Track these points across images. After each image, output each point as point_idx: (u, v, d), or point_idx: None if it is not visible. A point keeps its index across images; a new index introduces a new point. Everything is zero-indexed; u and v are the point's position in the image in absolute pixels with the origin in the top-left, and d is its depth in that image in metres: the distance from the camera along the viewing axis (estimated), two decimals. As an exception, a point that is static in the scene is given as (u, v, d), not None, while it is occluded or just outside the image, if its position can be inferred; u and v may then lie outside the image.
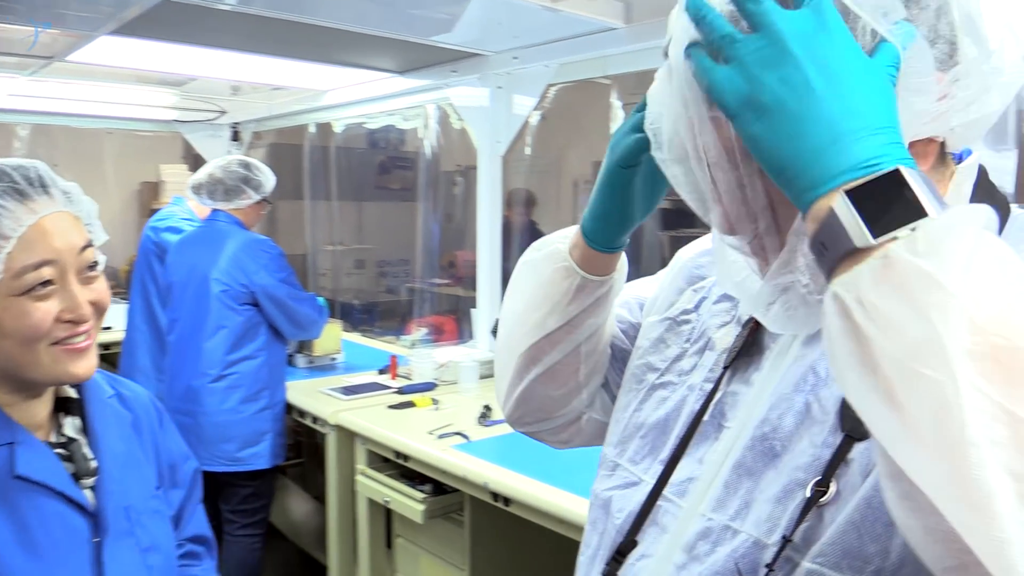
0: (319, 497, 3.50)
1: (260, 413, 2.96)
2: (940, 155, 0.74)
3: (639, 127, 0.85)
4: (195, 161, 5.75)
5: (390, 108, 4.05)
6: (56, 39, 3.25)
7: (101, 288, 1.11)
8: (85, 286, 1.08)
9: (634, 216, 0.92)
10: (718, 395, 0.84)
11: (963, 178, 0.75)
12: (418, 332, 3.99)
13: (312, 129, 4.93)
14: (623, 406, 0.96)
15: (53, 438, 1.14)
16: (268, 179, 3.12)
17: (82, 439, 1.15)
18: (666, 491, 0.83)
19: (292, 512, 3.85)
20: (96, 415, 1.18)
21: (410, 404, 2.88)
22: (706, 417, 0.84)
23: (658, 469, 0.85)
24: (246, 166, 3.10)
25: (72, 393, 1.18)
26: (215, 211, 3.11)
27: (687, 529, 0.79)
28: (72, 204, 1.11)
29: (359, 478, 2.76)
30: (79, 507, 1.09)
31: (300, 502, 3.87)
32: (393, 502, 2.59)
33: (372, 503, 2.77)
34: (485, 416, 2.68)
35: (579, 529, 1.93)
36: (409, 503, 2.52)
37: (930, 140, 0.71)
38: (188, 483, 1.34)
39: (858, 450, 0.70)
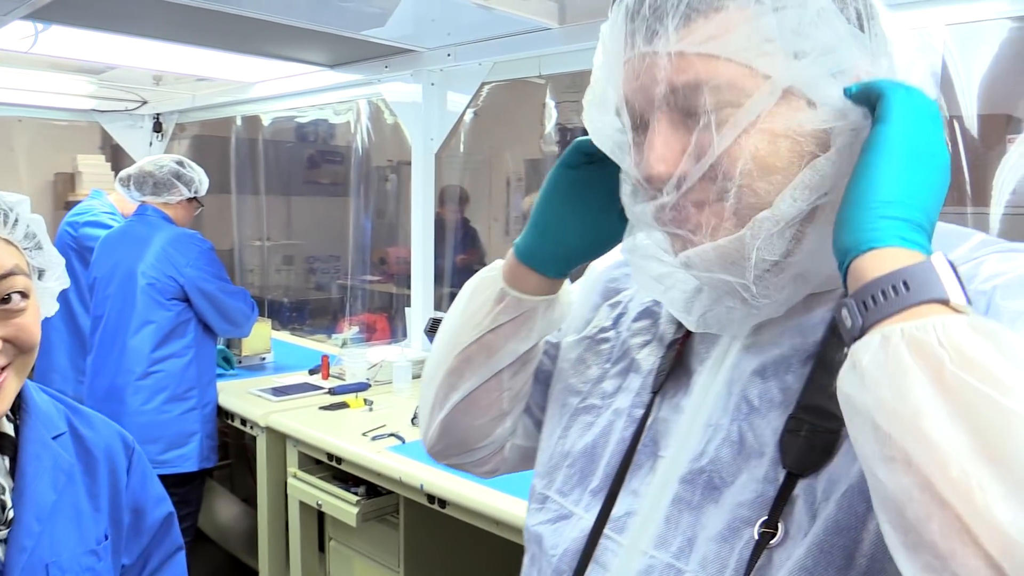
0: (247, 499, 3.43)
1: (188, 414, 2.88)
2: None
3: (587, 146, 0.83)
4: (113, 152, 5.56)
5: (321, 102, 3.99)
6: (-36, 23, 3.10)
7: (22, 323, 0.97)
8: (0, 320, 0.95)
9: (568, 237, 0.86)
10: (650, 421, 0.81)
11: None
12: (350, 331, 3.94)
13: (239, 122, 4.81)
14: (548, 433, 0.92)
15: None
16: (201, 179, 3.05)
17: (6, 483, 1.01)
18: (606, 528, 0.80)
19: (219, 515, 3.76)
20: (28, 458, 1.03)
21: (343, 405, 2.84)
22: (640, 445, 0.81)
23: (589, 500, 0.83)
24: (179, 163, 3.03)
25: (8, 429, 1.04)
26: (143, 205, 3.01)
27: (629, 567, 0.76)
28: (3, 226, 0.97)
29: (291, 481, 2.71)
30: None
31: (227, 505, 3.78)
32: (326, 505, 2.55)
33: (304, 506, 2.72)
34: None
35: (516, 531, 1.94)
36: (343, 506, 2.48)
37: None
38: (155, 530, 1.19)
39: (801, 487, 0.68)
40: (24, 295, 0.97)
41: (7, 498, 0.99)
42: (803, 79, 0.66)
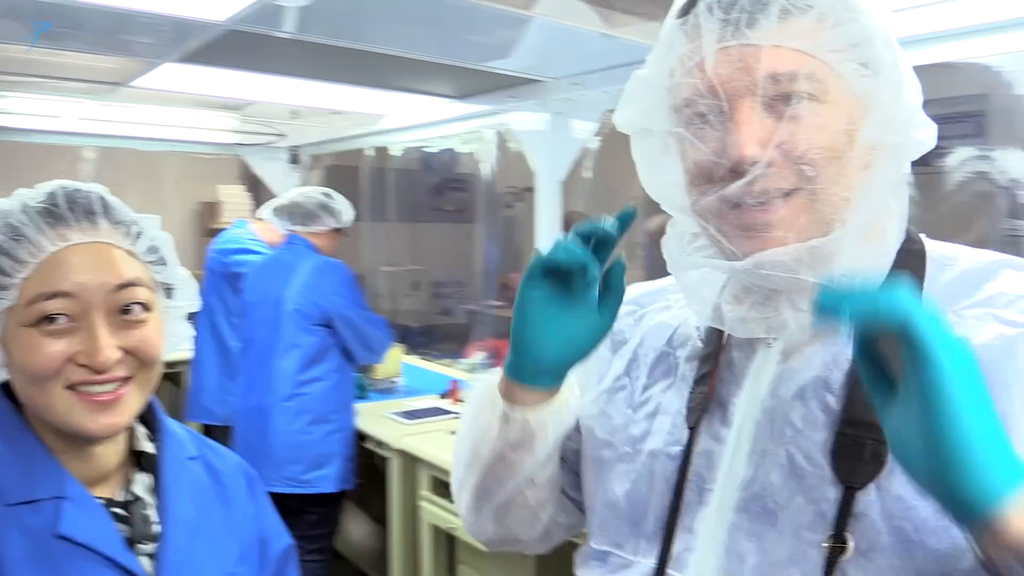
0: (378, 519, 3.52)
1: (329, 436, 2.99)
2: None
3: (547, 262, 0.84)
4: (252, 182, 5.87)
5: (448, 132, 4.09)
6: (123, 65, 3.35)
7: (143, 335, 0.94)
8: (121, 330, 0.92)
9: (549, 351, 0.85)
10: (692, 457, 0.82)
11: (898, 223, 0.80)
12: (477, 356, 4.00)
13: (370, 152, 4.99)
14: (590, 492, 0.94)
15: (120, 495, 1.00)
16: (347, 211, 3.20)
17: (150, 499, 1.01)
18: (667, 568, 0.81)
19: (351, 533, 3.87)
20: (170, 475, 1.03)
21: (472, 430, 2.88)
22: (686, 482, 0.82)
23: (645, 546, 0.84)
24: (327, 195, 3.19)
25: (149, 448, 1.05)
26: (292, 235, 3.18)
27: None
28: (125, 237, 0.96)
29: (422, 503, 2.77)
30: (131, 575, 0.95)
31: (359, 524, 3.89)
32: (458, 529, 2.59)
33: (435, 529, 2.77)
34: (548, 443, 2.66)
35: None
36: (473, 531, 2.51)
37: None
38: (278, 561, 1.16)
39: (868, 500, 0.71)
40: (146, 307, 0.95)
41: (152, 513, 1.00)
42: (869, 90, 0.73)
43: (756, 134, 0.72)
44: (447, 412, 3.14)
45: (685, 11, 0.78)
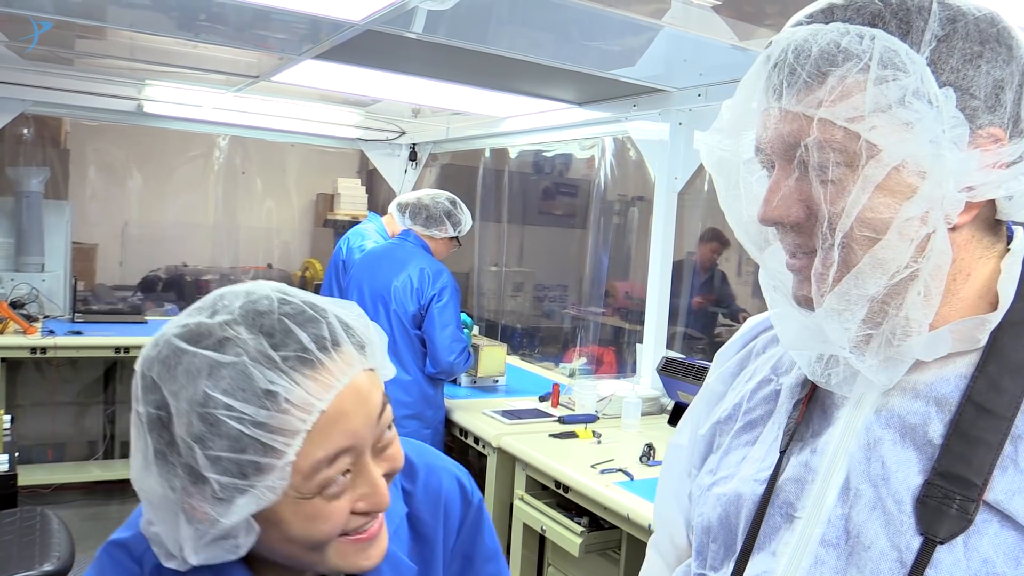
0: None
1: (421, 432, 3.06)
2: (992, 224, 0.76)
3: None
4: (369, 177, 6.04)
5: (567, 137, 4.11)
6: (262, 60, 3.51)
7: (396, 452, 0.83)
8: (379, 457, 0.81)
9: None
10: (780, 481, 0.82)
11: (1014, 260, 0.76)
12: (578, 361, 4.00)
13: (487, 154, 5.06)
14: (693, 515, 0.95)
15: None
16: (467, 221, 3.26)
17: None
18: None
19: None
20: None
21: (572, 435, 2.90)
22: (770, 507, 0.82)
23: (733, 567, 0.84)
24: (453, 202, 3.26)
25: None
26: (407, 231, 3.26)
27: None
28: (367, 356, 0.79)
29: (517, 503, 2.79)
30: None
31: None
32: (550, 531, 2.60)
33: (528, 529, 2.79)
34: (648, 455, 2.65)
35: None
36: (567, 534, 2.52)
37: (985, 204, 0.74)
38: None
39: (954, 558, 0.69)
40: (391, 424, 0.84)
41: None
42: (909, 152, 0.70)
43: (776, 197, 0.75)
44: (546, 415, 3.16)
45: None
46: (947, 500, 0.70)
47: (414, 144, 5.32)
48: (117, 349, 4.18)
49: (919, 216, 0.71)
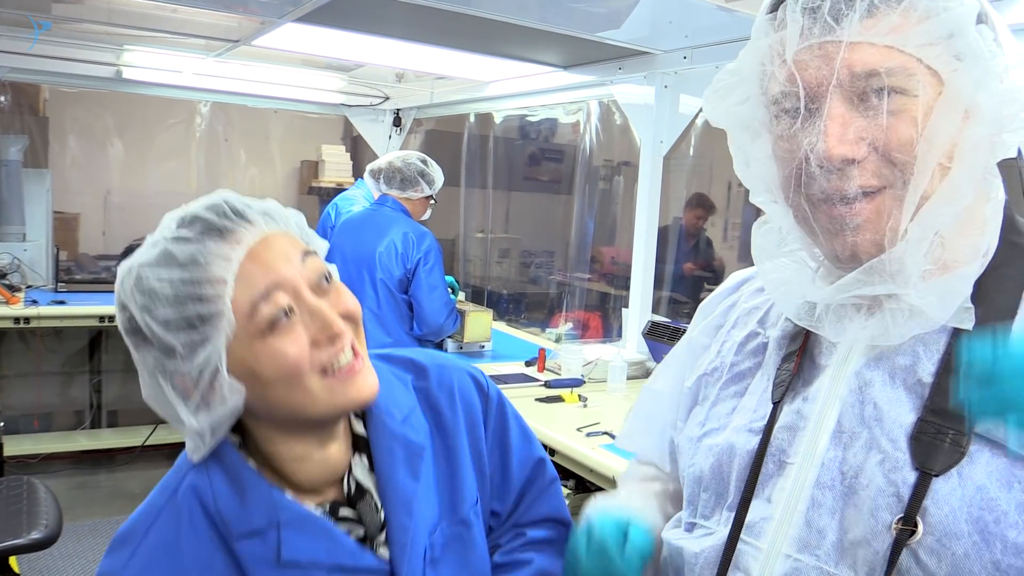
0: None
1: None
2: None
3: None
4: (353, 143, 5.99)
5: (552, 102, 4.08)
6: (242, 24, 3.45)
7: (345, 297, 0.93)
8: (325, 299, 0.90)
9: None
10: (775, 431, 0.85)
11: (996, 208, 0.79)
12: (564, 326, 4.01)
13: (472, 119, 5.03)
14: (684, 466, 0.98)
15: (344, 486, 0.97)
16: (439, 177, 3.26)
17: (370, 484, 0.98)
18: (742, 534, 0.84)
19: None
20: (382, 454, 0.99)
21: (558, 399, 2.91)
22: (767, 454, 0.85)
23: (728, 516, 0.87)
24: (424, 161, 3.25)
25: (360, 429, 1.01)
26: (384, 196, 3.25)
27: (772, 570, 0.81)
28: (276, 222, 0.93)
29: (504, 467, 2.81)
30: (369, 570, 0.93)
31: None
32: (538, 495, 2.62)
33: (515, 493, 2.81)
34: (634, 418, 2.67)
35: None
36: (554, 497, 2.54)
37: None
38: (527, 472, 1.11)
39: (950, 488, 0.72)
40: (331, 275, 0.94)
41: (377, 500, 0.97)
42: (962, 84, 0.72)
43: (845, 131, 0.73)
44: (532, 379, 3.16)
45: (774, 6, 0.79)
46: (940, 435, 0.73)
47: (398, 109, 5.27)
48: (101, 318, 4.16)
49: (987, 141, 0.74)
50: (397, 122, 5.31)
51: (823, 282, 0.83)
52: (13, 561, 2.63)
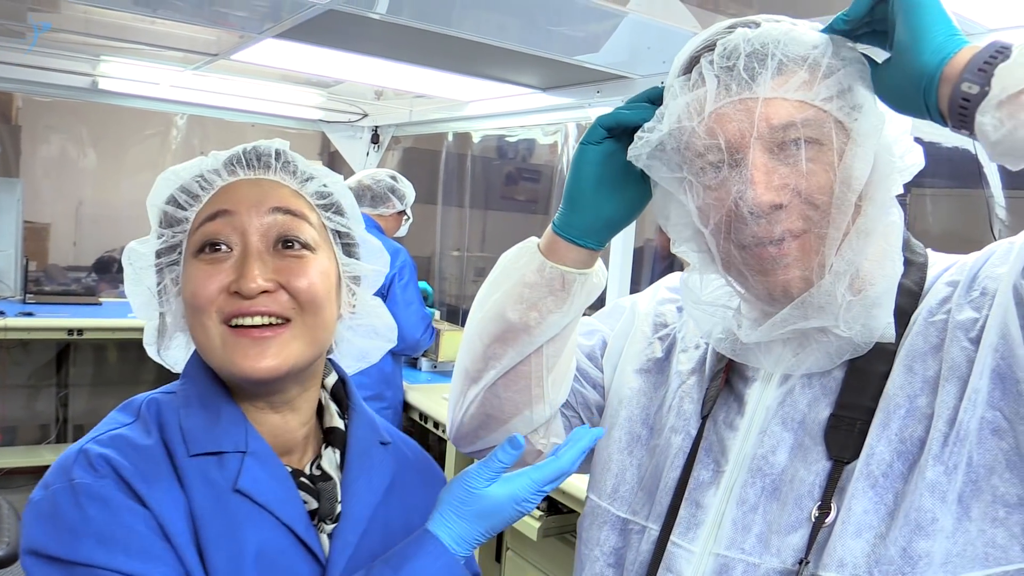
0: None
1: (382, 412, 3.05)
2: None
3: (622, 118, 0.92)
4: (330, 159, 5.98)
5: (531, 123, 4.10)
6: (221, 38, 3.44)
7: (302, 269, 0.89)
8: (279, 263, 0.88)
9: (603, 208, 0.93)
10: (704, 442, 0.92)
11: (896, 238, 0.87)
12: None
13: (450, 137, 5.03)
14: (612, 456, 1.01)
15: (307, 469, 0.95)
16: (410, 192, 3.25)
17: (337, 477, 0.95)
18: (672, 536, 0.89)
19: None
20: (356, 454, 0.97)
21: (531, 419, 2.91)
22: (697, 462, 0.91)
23: (658, 513, 0.93)
24: (393, 177, 3.25)
25: (340, 424, 1.00)
26: None
27: (702, 569, 0.86)
28: (292, 177, 0.95)
29: (476, 487, 2.80)
30: (310, 552, 0.87)
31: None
32: (509, 516, 2.61)
33: (486, 513, 2.80)
34: (606, 440, 2.67)
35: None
36: (525, 519, 2.53)
37: None
38: None
39: (857, 471, 0.81)
40: (308, 247, 0.91)
41: (339, 493, 0.94)
42: (863, 132, 0.81)
43: (770, 179, 0.80)
44: (507, 400, 3.16)
45: (687, 69, 0.86)
46: (850, 426, 0.83)
47: (376, 127, 5.26)
48: (70, 331, 4.10)
49: (887, 180, 0.83)
50: (375, 139, 5.30)
51: (748, 322, 0.89)
52: (-28, 578, 2.57)
